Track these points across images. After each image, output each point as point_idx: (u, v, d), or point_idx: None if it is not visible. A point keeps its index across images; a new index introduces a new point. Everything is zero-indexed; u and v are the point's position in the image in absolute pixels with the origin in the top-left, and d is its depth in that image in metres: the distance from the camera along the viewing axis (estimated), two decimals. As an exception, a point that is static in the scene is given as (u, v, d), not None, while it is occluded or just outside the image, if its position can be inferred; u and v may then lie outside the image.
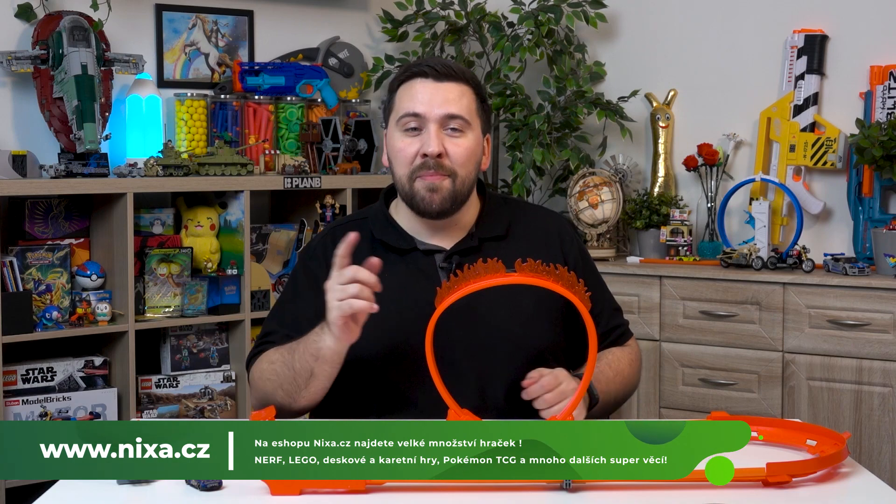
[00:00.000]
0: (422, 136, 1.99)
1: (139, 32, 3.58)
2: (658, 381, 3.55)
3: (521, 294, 1.95)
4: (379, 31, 4.11)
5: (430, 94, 1.99)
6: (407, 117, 1.99)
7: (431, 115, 1.98)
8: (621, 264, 3.70)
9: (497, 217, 2.10)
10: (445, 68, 2.01)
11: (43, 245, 3.21)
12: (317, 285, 2.02)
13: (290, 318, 2.07)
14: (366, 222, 2.11)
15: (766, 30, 3.83)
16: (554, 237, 2.12)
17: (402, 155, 2.00)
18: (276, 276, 3.61)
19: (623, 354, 2.14)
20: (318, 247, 2.10)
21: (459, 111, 1.99)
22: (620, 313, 2.21)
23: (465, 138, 2.00)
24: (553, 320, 2.05)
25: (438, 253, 2.05)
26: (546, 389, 1.87)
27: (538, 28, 3.82)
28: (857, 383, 3.29)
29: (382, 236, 2.07)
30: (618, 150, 4.03)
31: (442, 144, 1.98)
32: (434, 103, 1.98)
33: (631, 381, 2.13)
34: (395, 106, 2.03)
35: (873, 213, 3.58)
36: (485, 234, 2.07)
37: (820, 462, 1.69)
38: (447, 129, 1.99)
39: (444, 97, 1.99)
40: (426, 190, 1.99)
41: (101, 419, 3.19)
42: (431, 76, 2.00)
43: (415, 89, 2.00)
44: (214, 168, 3.40)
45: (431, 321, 1.70)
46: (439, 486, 1.61)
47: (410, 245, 2.06)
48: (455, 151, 1.99)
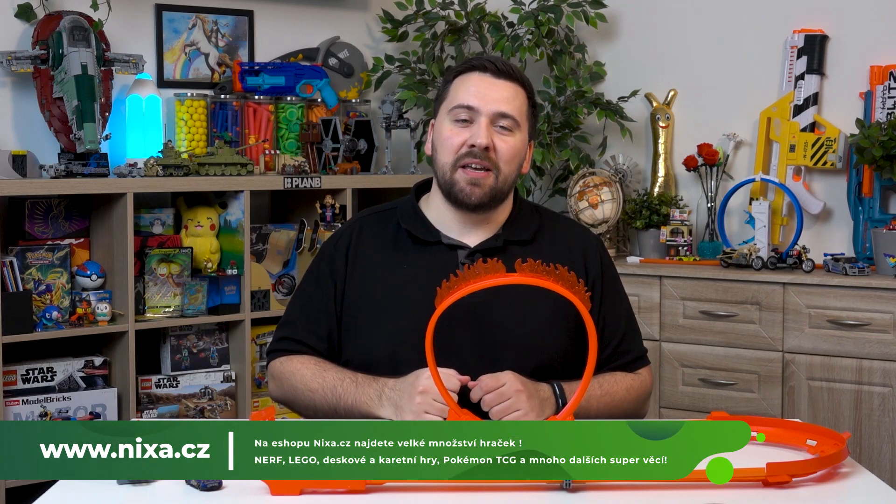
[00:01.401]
0: (471, 128, 2.01)
1: (139, 32, 3.58)
2: (658, 381, 3.55)
3: (537, 301, 1.95)
4: (379, 31, 4.11)
5: (486, 89, 2.02)
6: (459, 108, 2.02)
7: (484, 109, 2.00)
8: (621, 264, 3.69)
9: (526, 222, 2.11)
10: (505, 66, 2.04)
11: (43, 245, 3.21)
12: (335, 278, 2.07)
13: (310, 307, 2.10)
14: (393, 212, 2.13)
15: (766, 30, 3.83)
16: (578, 250, 2.11)
17: (450, 143, 2.02)
18: (276, 276, 3.60)
19: (623, 379, 2.08)
20: (343, 239, 2.12)
21: (511, 111, 2.02)
22: (638, 339, 2.15)
23: (512, 137, 2.03)
24: (566, 329, 2.03)
25: (462, 249, 2.06)
26: (485, 391, 1.88)
27: (538, 28, 3.82)
28: (857, 383, 3.29)
29: (409, 226, 2.08)
30: (618, 150, 4.03)
31: (490, 138, 2.00)
32: (488, 99, 2.01)
33: (621, 408, 2.05)
34: (448, 95, 2.05)
35: (873, 213, 3.58)
36: (511, 236, 2.08)
37: (820, 462, 1.69)
38: (496, 126, 2.02)
39: (498, 94, 2.01)
40: (467, 182, 2.01)
41: (101, 419, 3.19)
42: (490, 71, 2.03)
43: (471, 82, 2.03)
44: (214, 168, 3.40)
45: (431, 321, 1.70)
46: (439, 486, 1.61)
47: (435, 238, 2.07)
48: (502, 148, 2.01)
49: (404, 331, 1.98)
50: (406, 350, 1.97)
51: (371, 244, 2.09)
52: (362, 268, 2.07)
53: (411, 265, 2.03)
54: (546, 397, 1.94)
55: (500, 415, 1.86)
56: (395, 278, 2.04)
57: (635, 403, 2.09)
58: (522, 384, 1.89)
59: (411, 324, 1.94)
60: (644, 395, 2.12)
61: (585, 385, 1.72)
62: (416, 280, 2.00)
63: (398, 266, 2.05)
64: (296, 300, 2.16)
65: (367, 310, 2.03)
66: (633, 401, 2.08)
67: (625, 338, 2.12)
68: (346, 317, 2.06)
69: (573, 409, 1.75)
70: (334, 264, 2.09)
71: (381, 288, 2.05)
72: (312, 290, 2.12)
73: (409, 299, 1.99)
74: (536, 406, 1.89)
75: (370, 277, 2.06)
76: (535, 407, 1.89)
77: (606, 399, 2.03)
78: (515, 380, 1.89)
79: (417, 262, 2.04)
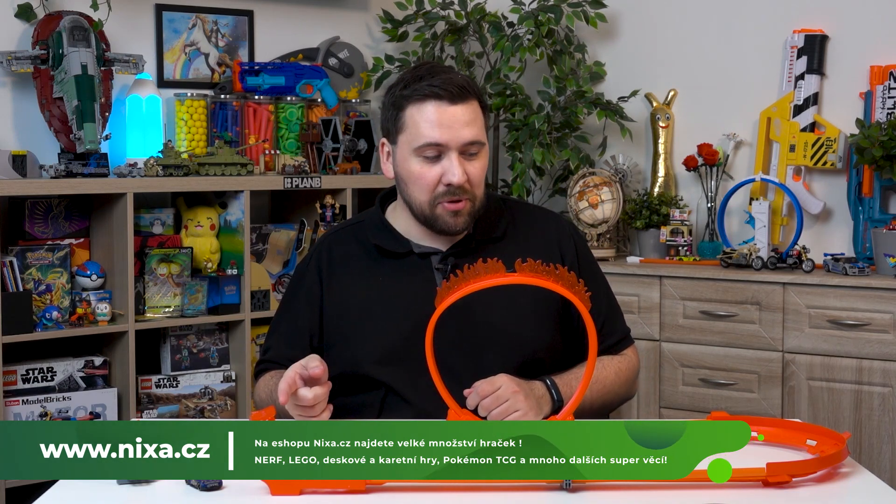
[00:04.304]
0: (443, 164, 1.98)
1: (139, 32, 3.58)
2: (658, 381, 3.55)
3: (518, 294, 1.95)
4: (379, 31, 4.11)
5: (449, 120, 1.96)
6: (427, 146, 1.97)
7: (453, 143, 1.97)
8: (621, 264, 3.70)
9: (494, 219, 2.10)
10: (458, 88, 1.97)
11: (43, 245, 3.21)
12: (309, 299, 2.08)
13: (286, 331, 2.11)
14: (361, 226, 2.13)
15: (766, 30, 3.83)
16: (552, 238, 2.12)
17: (423, 182, 1.99)
18: (276, 276, 3.61)
19: (611, 364, 2.10)
20: (313, 259, 2.12)
21: (476, 136, 1.99)
22: (620, 319, 2.17)
23: (480, 160, 2.01)
24: (550, 321, 2.05)
25: (434, 255, 2.06)
26: (482, 396, 1.87)
27: (538, 28, 3.82)
28: (857, 383, 3.29)
29: (377, 241, 2.08)
30: (618, 150, 4.03)
31: (464, 171, 1.98)
32: (454, 131, 1.96)
33: (614, 391, 2.08)
34: (407, 127, 2.00)
35: (873, 213, 3.58)
36: (481, 235, 2.07)
37: (820, 462, 1.69)
38: (466, 155, 1.99)
39: (462, 122, 1.97)
40: (450, 215, 2.00)
41: (101, 419, 3.19)
42: (446, 98, 1.96)
43: (430, 113, 1.97)
44: (214, 168, 3.40)
45: (431, 321, 1.70)
46: (439, 486, 1.61)
47: (406, 248, 2.06)
48: (474, 174, 2.00)
49: (389, 342, 1.99)
50: (393, 360, 1.98)
51: (342, 261, 2.09)
52: (339, 285, 2.07)
53: (386, 277, 2.03)
54: (541, 395, 1.94)
55: (499, 417, 1.86)
56: (371, 292, 2.04)
57: (626, 385, 2.12)
58: (518, 385, 1.89)
59: (394, 334, 1.96)
60: (633, 375, 2.14)
61: (586, 385, 1.73)
62: (392, 291, 2.01)
63: (373, 280, 2.05)
64: (273, 326, 2.17)
65: (348, 325, 2.04)
66: (623, 383, 2.10)
67: (607, 320, 2.12)
68: (327, 335, 2.07)
69: (573, 408, 1.75)
70: (310, 286, 2.09)
71: (359, 303, 2.04)
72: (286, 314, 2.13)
73: (388, 312, 1.99)
74: (534, 405, 1.90)
75: (346, 294, 2.06)
76: (532, 406, 1.89)
77: (598, 387, 2.04)
78: (510, 381, 1.89)
79: (391, 273, 2.04)
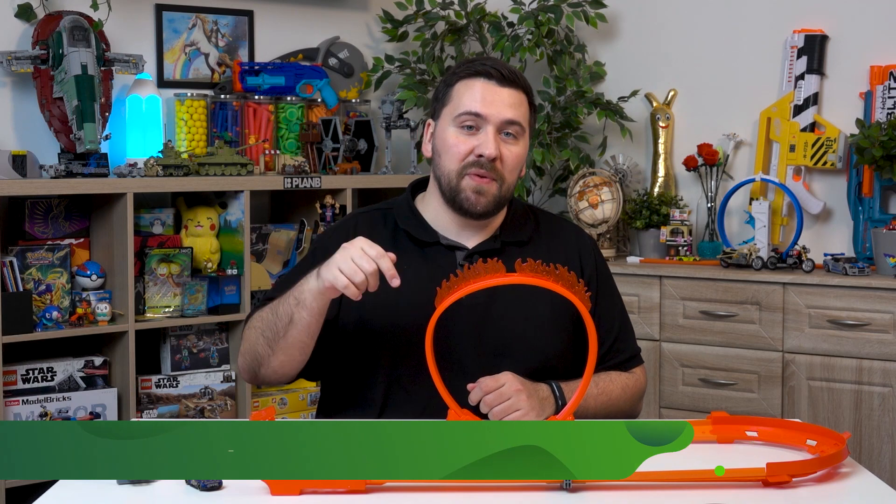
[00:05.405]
0: (479, 136, 2.00)
1: (139, 32, 3.58)
2: (658, 381, 3.55)
3: (536, 300, 1.96)
4: (379, 31, 4.11)
5: (493, 96, 2.00)
6: (467, 115, 2.00)
7: (492, 117, 2.00)
8: (621, 264, 3.69)
9: (522, 224, 2.12)
10: (510, 73, 2.02)
11: (43, 245, 3.21)
12: None
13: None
14: (390, 212, 2.12)
15: (766, 30, 3.83)
16: (573, 250, 2.13)
17: (456, 150, 2.01)
18: (276, 276, 3.60)
19: (618, 378, 2.11)
20: (340, 232, 2.09)
21: (518, 117, 2.02)
22: (632, 338, 2.18)
23: (517, 145, 2.03)
24: (565, 328, 2.05)
25: (460, 250, 2.06)
26: (485, 392, 1.88)
27: (538, 28, 3.82)
28: (857, 383, 3.29)
29: (406, 226, 2.08)
30: (618, 150, 4.03)
31: (498, 148, 1.99)
32: (496, 107, 2.00)
33: (618, 406, 2.09)
34: (451, 100, 2.04)
35: (873, 213, 3.58)
36: (509, 237, 2.08)
37: (820, 462, 1.69)
38: (503, 134, 2.01)
39: (505, 102, 2.01)
40: (473, 191, 2.00)
41: (101, 419, 3.18)
42: (496, 79, 2.01)
43: (477, 89, 2.01)
44: (214, 168, 3.40)
45: (431, 321, 1.70)
46: (439, 486, 1.61)
47: (433, 238, 2.07)
48: (508, 157, 2.01)
49: (405, 330, 1.98)
50: (407, 349, 1.97)
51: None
52: None
53: (410, 264, 2.02)
54: (545, 396, 1.94)
55: (501, 415, 1.86)
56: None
57: (630, 402, 2.12)
58: (522, 384, 1.90)
59: (412, 323, 1.94)
60: (639, 393, 2.15)
61: (585, 385, 1.73)
62: (416, 279, 1.99)
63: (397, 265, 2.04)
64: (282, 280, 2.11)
65: (366, 309, 2.02)
66: (628, 399, 2.11)
67: (619, 337, 2.14)
68: (343, 315, 2.04)
69: (573, 408, 1.75)
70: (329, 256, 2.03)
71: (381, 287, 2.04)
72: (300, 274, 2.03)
73: (409, 299, 1.98)
74: (536, 405, 1.90)
75: None
76: (534, 406, 1.89)
77: (603, 398, 2.05)
78: (514, 380, 1.90)
79: (417, 261, 2.03)
